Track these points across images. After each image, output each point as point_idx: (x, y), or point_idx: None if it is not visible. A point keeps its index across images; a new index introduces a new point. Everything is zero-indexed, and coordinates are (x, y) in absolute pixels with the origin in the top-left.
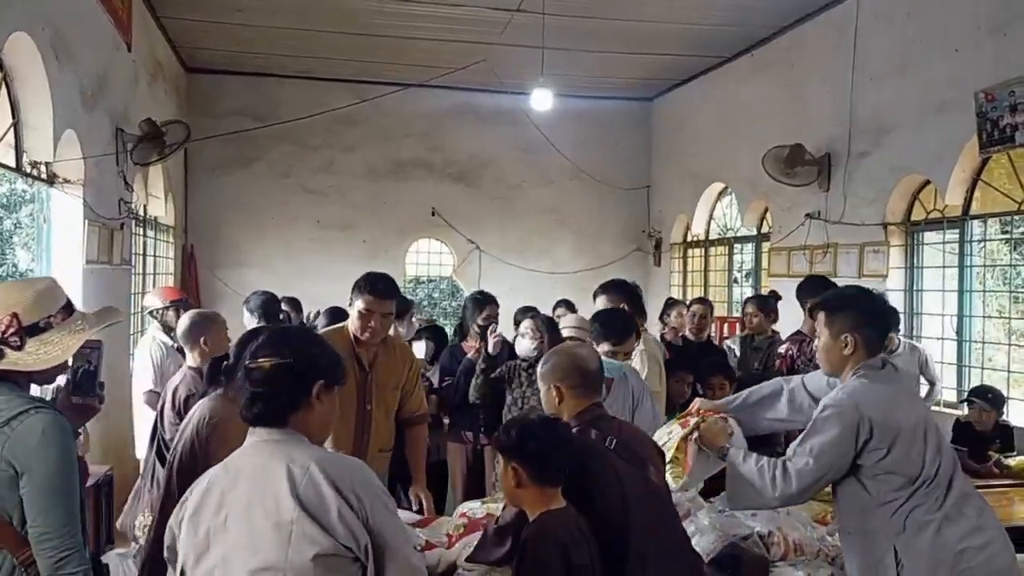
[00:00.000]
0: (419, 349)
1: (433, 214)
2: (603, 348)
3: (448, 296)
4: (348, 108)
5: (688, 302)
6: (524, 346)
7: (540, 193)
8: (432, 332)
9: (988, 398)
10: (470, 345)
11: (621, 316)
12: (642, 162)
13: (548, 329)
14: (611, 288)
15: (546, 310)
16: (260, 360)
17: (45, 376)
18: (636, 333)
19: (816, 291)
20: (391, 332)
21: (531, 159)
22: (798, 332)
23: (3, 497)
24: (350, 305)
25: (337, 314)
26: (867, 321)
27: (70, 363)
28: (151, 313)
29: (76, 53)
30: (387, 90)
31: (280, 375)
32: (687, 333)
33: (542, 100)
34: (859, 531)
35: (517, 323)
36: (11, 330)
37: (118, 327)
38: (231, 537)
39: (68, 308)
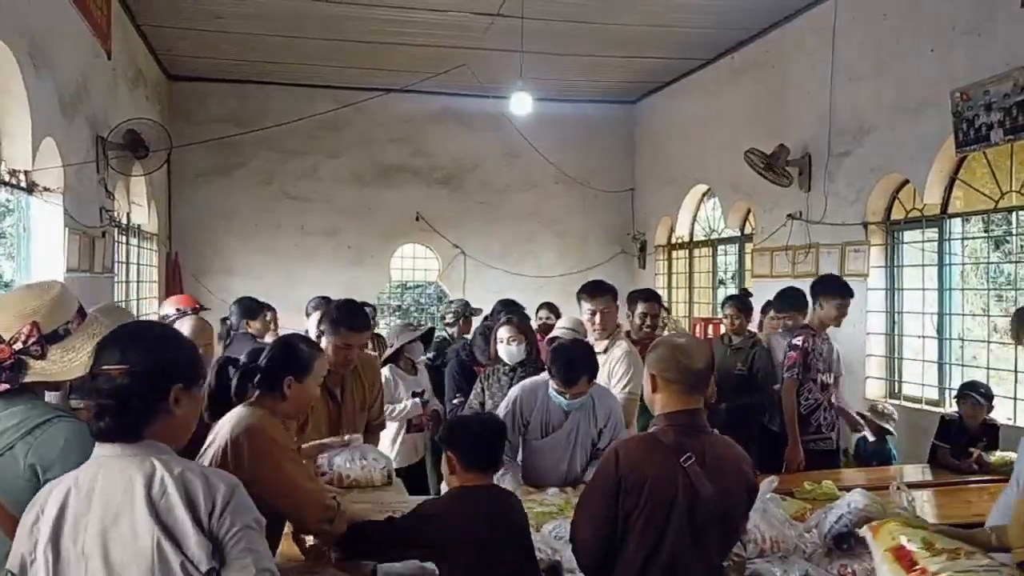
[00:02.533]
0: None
1: (418, 219)
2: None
3: (435, 301)
4: (331, 114)
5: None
6: (511, 352)
7: (524, 197)
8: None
9: (981, 392)
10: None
11: (577, 360)
12: (626, 165)
13: (528, 327)
14: (590, 290)
15: (531, 314)
16: (104, 367)
17: (59, 382)
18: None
19: (835, 289)
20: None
21: (515, 163)
22: (806, 326)
23: (24, 506)
24: (320, 336)
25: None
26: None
27: None
28: (170, 322)
29: (54, 61)
30: (369, 95)
31: (130, 384)
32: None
33: (522, 103)
34: None
35: (494, 312)
36: (32, 339)
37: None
38: (91, 570)
39: (81, 312)
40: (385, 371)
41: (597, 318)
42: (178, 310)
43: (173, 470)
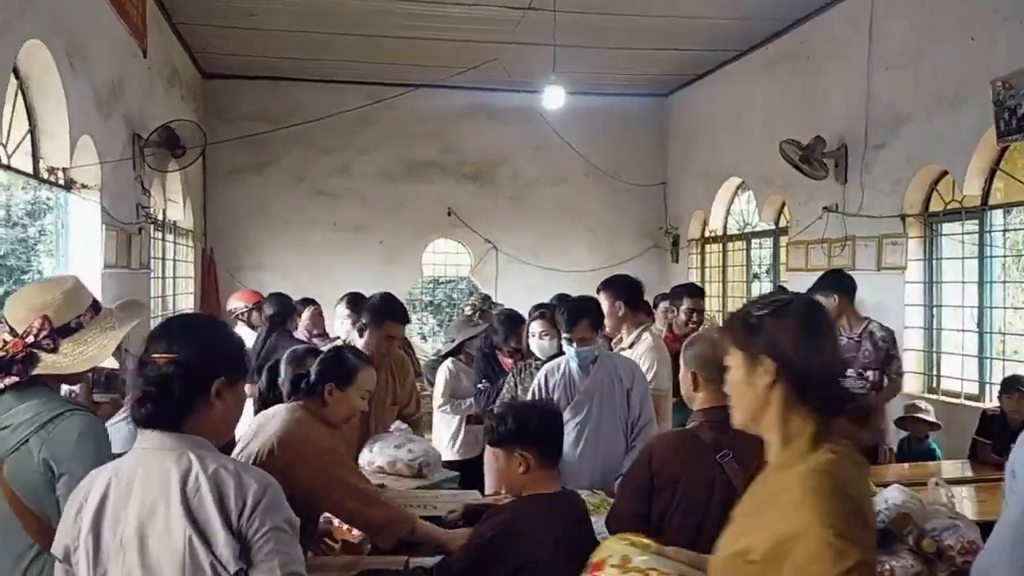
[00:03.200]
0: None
1: (449, 214)
2: (568, 337)
3: (467, 296)
4: (362, 110)
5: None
6: (543, 347)
7: (555, 191)
8: None
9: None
10: (507, 363)
11: (580, 305)
12: (658, 158)
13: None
14: (614, 283)
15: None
16: (153, 355)
17: (79, 375)
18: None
19: (835, 284)
20: None
21: (546, 157)
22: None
23: (41, 499)
24: (364, 330)
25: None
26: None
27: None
28: (237, 316)
29: (91, 60)
30: (400, 91)
31: (174, 373)
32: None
33: (554, 98)
34: None
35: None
36: (43, 333)
37: (142, 330)
38: (128, 562)
39: (95, 306)
40: (448, 364)
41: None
42: (254, 304)
43: (208, 467)
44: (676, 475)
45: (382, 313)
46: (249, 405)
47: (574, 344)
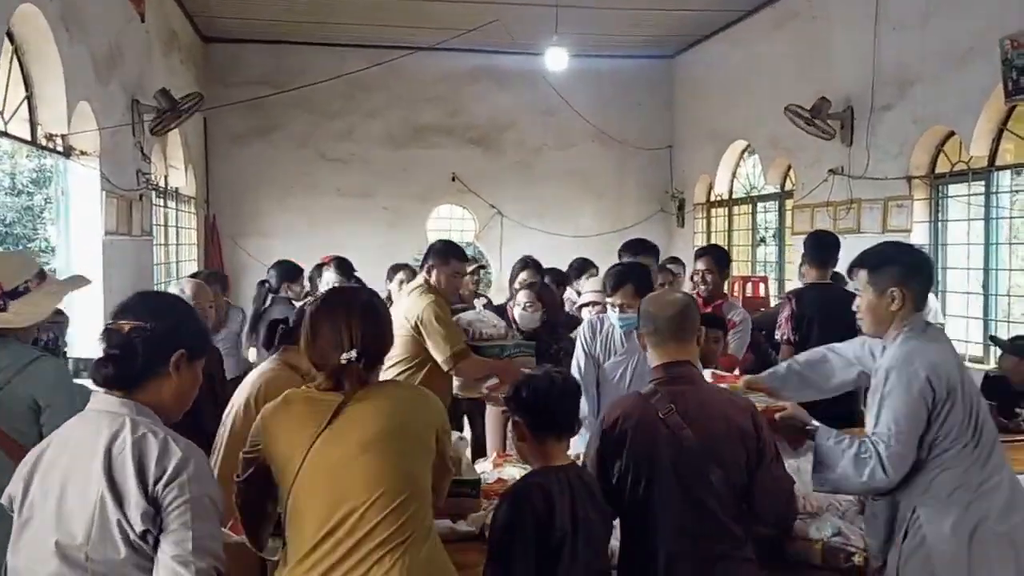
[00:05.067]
0: None
1: (454, 179)
2: (611, 302)
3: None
4: (366, 74)
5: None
6: (526, 317)
7: (561, 156)
8: None
9: (1020, 346)
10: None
11: (625, 269)
12: (664, 122)
13: (546, 294)
14: (632, 246)
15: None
16: (120, 321)
17: (26, 333)
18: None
19: (821, 246)
20: None
21: (551, 122)
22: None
23: (25, 432)
24: (432, 269)
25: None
26: (912, 275)
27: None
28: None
29: (87, 25)
30: (402, 53)
31: (137, 339)
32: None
33: (557, 59)
34: (889, 496)
35: (512, 279)
36: None
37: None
38: (47, 510)
39: (41, 275)
40: None
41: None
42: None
43: (137, 431)
44: (624, 432)
45: (446, 252)
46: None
47: (616, 309)
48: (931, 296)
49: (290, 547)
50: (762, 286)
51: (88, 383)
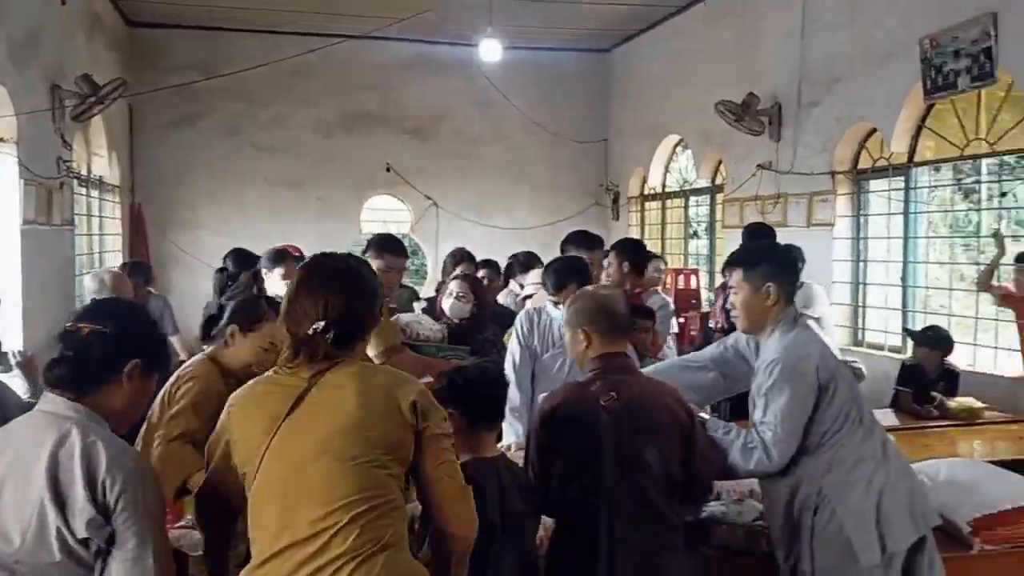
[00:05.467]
0: None
1: (388, 170)
2: (554, 300)
3: (409, 254)
4: (298, 62)
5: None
6: (456, 307)
7: (497, 148)
8: None
9: (931, 337)
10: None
11: (565, 269)
12: (599, 115)
13: (479, 287)
14: (575, 239)
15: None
16: (79, 324)
17: None
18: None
19: (757, 239)
20: None
21: (487, 113)
22: None
23: None
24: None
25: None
26: (784, 271)
27: None
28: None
29: (3, 7)
30: (334, 41)
31: (94, 343)
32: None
33: (491, 51)
34: (786, 477)
35: (445, 269)
36: None
37: (66, 287)
38: None
39: None
40: None
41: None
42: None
43: (88, 438)
44: (560, 422)
45: (379, 245)
46: None
47: (559, 307)
48: (819, 288)
49: (252, 547)
50: (694, 278)
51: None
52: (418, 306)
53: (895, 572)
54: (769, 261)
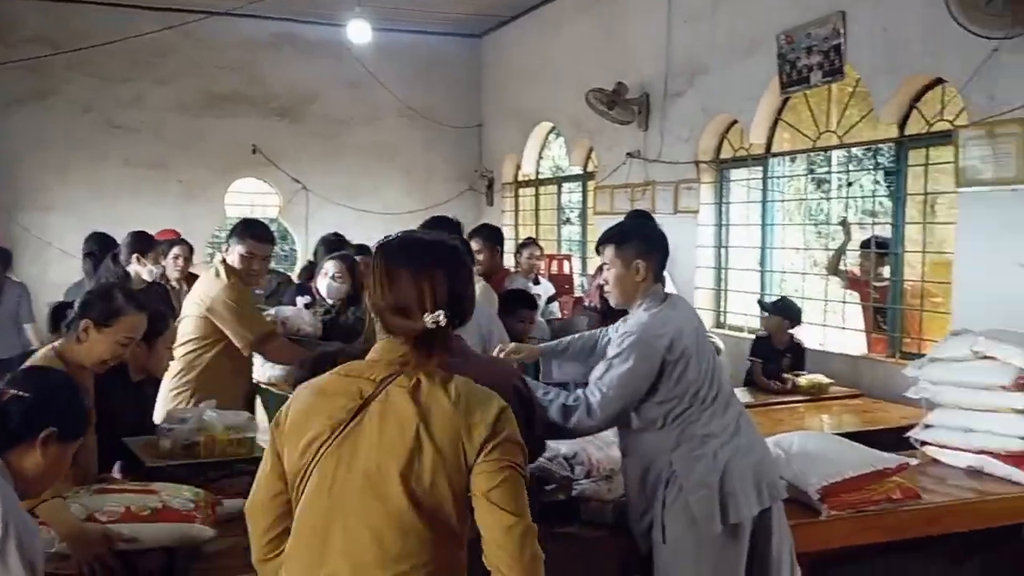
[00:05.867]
0: None
1: (254, 152)
2: None
3: (277, 239)
4: (158, 38)
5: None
6: (332, 287)
7: (368, 131)
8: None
9: (779, 306)
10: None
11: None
12: (472, 100)
13: (354, 268)
14: (432, 226)
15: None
16: (4, 388)
17: None
18: None
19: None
20: None
21: (357, 95)
22: None
23: None
24: (229, 250)
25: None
26: (653, 248)
27: None
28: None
29: None
30: (196, 17)
31: (11, 407)
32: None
33: (359, 32)
34: (639, 452)
35: (317, 254)
36: None
37: None
38: None
39: None
40: None
41: None
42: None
43: None
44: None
45: (242, 231)
46: None
47: None
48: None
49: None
50: (567, 263)
51: None
52: (297, 297)
53: (742, 540)
54: (639, 239)
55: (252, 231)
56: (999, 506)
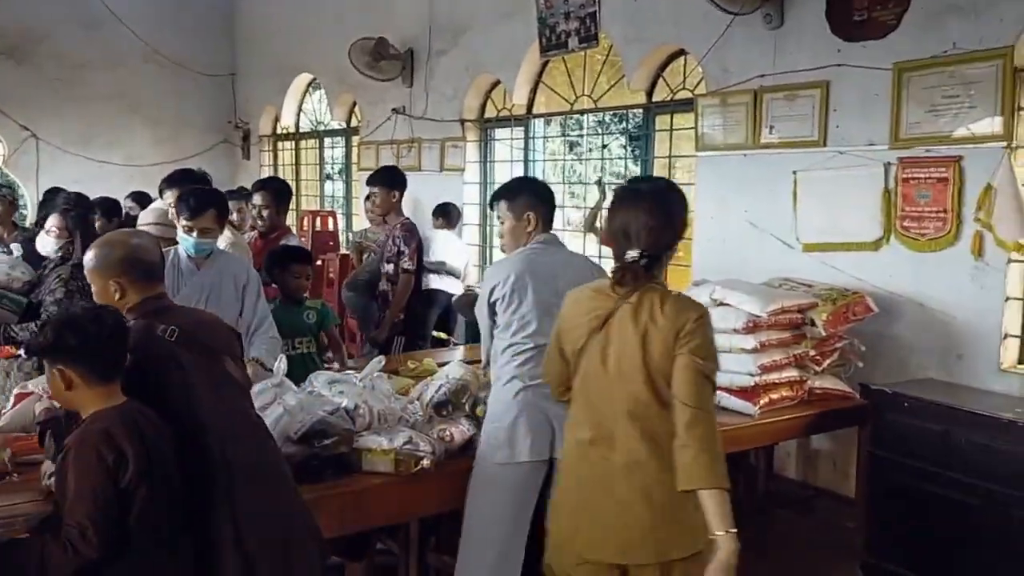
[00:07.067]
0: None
1: None
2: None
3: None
4: None
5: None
6: (46, 243)
7: (108, 76)
8: None
9: None
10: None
11: (201, 193)
12: (225, 48)
13: (81, 226)
14: (177, 179)
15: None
16: None
17: None
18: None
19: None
20: None
21: (96, 36)
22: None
23: None
24: None
25: None
26: (541, 201)
27: None
28: None
29: None
30: None
31: None
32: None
33: None
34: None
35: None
36: None
37: None
38: None
39: None
40: None
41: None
42: None
43: None
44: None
45: None
46: None
47: (194, 233)
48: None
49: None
50: (330, 220)
51: None
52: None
53: (535, 479)
54: (528, 193)
55: None
56: (732, 435)
